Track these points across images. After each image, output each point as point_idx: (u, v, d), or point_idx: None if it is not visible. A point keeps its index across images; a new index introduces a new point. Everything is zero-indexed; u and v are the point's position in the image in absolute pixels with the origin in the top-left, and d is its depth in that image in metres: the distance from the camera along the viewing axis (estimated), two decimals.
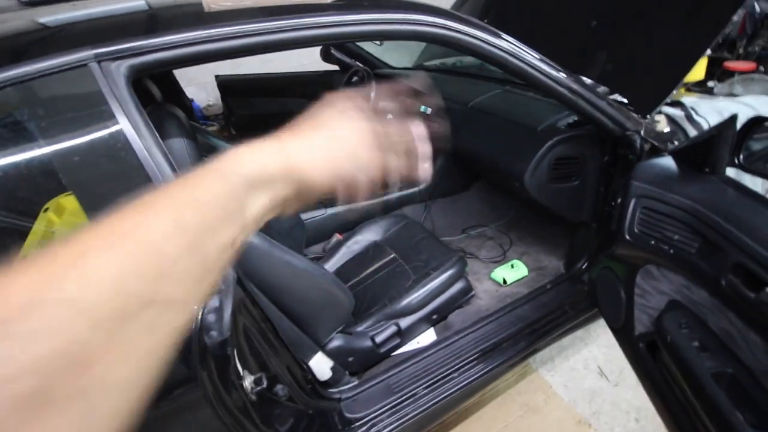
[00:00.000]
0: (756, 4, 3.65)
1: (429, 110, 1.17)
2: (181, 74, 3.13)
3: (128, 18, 0.78)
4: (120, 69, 0.68)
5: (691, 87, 2.51)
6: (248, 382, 0.83)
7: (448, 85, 1.96)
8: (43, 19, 0.79)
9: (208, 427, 0.77)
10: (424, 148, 0.39)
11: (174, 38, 0.70)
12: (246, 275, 0.98)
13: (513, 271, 1.67)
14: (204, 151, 1.69)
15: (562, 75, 1.06)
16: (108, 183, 0.67)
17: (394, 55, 2.52)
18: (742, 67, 3.64)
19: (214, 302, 0.71)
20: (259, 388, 0.84)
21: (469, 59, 2.27)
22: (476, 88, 1.78)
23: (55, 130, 0.63)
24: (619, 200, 1.07)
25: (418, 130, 0.39)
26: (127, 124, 0.67)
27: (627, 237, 1.02)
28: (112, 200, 0.67)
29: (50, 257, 0.20)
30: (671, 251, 0.92)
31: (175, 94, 1.97)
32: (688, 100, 1.49)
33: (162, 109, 0.95)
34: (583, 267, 1.51)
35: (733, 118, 0.82)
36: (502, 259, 1.80)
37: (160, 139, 0.70)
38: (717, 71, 3.69)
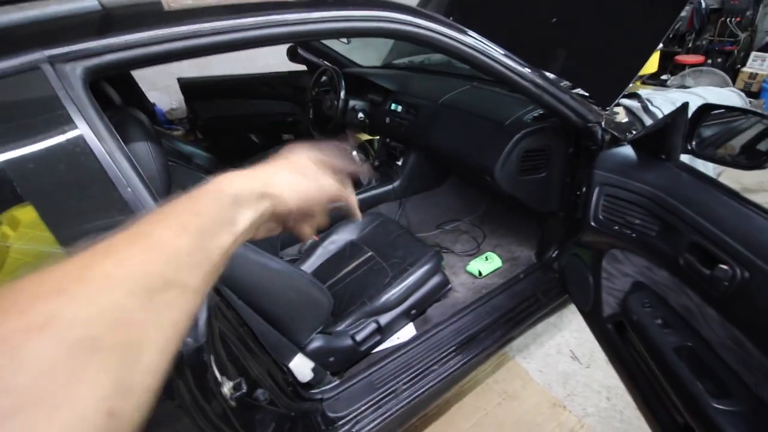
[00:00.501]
0: (702, 0, 3.88)
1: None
2: (142, 78, 3.01)
3: (82, 18, 0.75)
4: (75, 71, 0.65)
5: (646, 80, 2.64)
6: (227, 388, 0.81)
7: (417, 83, 1.98)
8: None
9: None
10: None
11: (132, 38, 0.68)
12: (221, 279, 0.96)
13: (487, 263, 1.71)
14: (171, 156, 1.64)
15: (526, 70, 1.09)
16: (69, 190, 0.63)
17: (363, 54, 2.52)
18: (691, 60, 3.86)
19: None
20: (238, 393, 0.83)
21: (437, 57, 2.30)
22: (445, 85, 1.81)
23: (7, 137, 0.60)
24: (584, 189, 1.11)
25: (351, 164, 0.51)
26: (87, 128, 0.64)
27: (592, 223, 1.06)
28: (75, 208, 0.65)
29: (86, 251, 0.25)
30: (633, 235, 0.97)
31: (135, 98, 1.89)
32: (644, 92, 1.57)
33: (123, 113, 0.92)
34: (554, 255, 1.56)
35: (685, 106, 0.87)
36: (476, 252, 1.84)
37: (122, 143, 0.67)
38: (669, 65, 3.90)
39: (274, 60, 3.21)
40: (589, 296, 1.18)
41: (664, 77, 3.78)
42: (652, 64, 2.36)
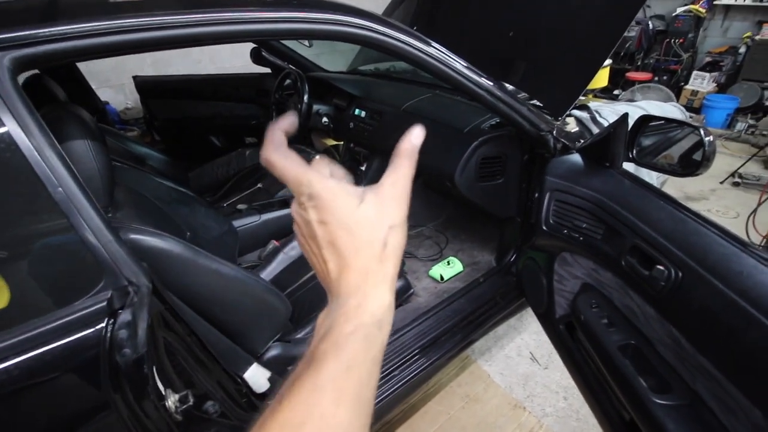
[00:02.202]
0: (650, 21, 4.17)
1: None
2: (93, 74, 2.86)
3: (13, 5, 0.70)
4: (3, 61, 0.60)
5: (597, 94, 2.80)
6: (172, 401, 0.77)
7: (382, 89, 1.99)
8: None
9: None
10: None
11: (67, 28, 0.64)
12: (168, 286, 0.91)
13: (449, 268, 1.73)
14: (120, 157, 1.56)
15: (483, 80, 1.13)
16: None
17: (329, 59, 2.51)
18: (640, 77, 4.14)
19: (126, 317, 0.65)
20: (184, 406, 0.78)
21: (402, 65, 2.33)
22: (408, 92, 1.83)
23: None
24: (537, 194, 1.15)
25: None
26: (13, 123, 0.59)
27: (544, 227, 1.10)
28: (3, 211, 0.59)
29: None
30: (581, 238, 1.01)
31: (82, 95, 1.79)
32: (594, 104, 1.66)
33: (61, 109, 0.86)
34: (512, 259, 1.61)
35: (624, 117, 0.93)
36: (439, 257, 1.86)
37: (54, 140, 0.63)
38: (621, 80, 4.16)
39: (238, 62, 3.14)
40: (543, 298, 1.22)
41: (615, 92, 4.03)
42: (602, 79, 2.51)
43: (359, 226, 0.33)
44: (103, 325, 0.63)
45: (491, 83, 1.15)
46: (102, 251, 0.64)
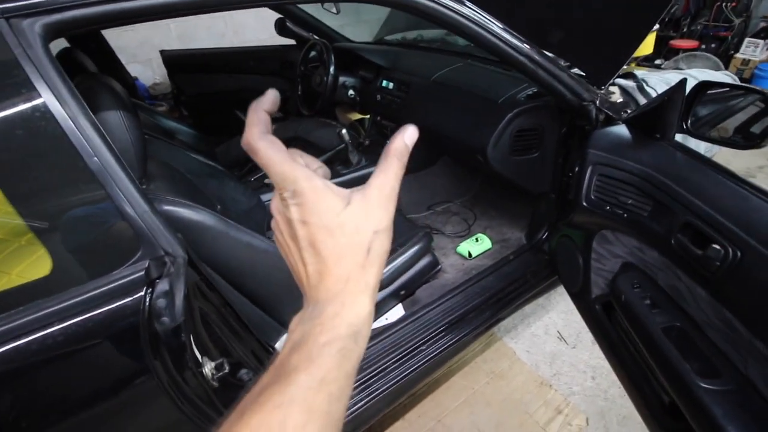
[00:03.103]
0: None
1: None
2: (122, 49, 2.88)
3: None
4: (34, 28, 0.59)
5: (641, 62, 2.60)
6: (208, 368, 0.79)
7: (410, 59, 1.92)
8: None
9: (167, 417, 0.73)
10: None
11: None
12: (202, 258, 0.92)
13: (477, 245, 1.69)
14: (151, 131, 1.57)
15: (524, 45, 1.05)
16: (28, 159, 0.59)
17: (355, 29, 2.43)
18: (685, 44, 3.83)
19: (164, 286, 0.66)
20: (220, 373, 0.80)
21: (430, 33, 2.23)
22: (438, 62, 1.76)
23: None
24: (577, 169, 1.09)
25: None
26: (48, 92, 0.59)
27: (584, 204, 1.05)
28: (35, 178, 0.60)
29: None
30: (625, 215, 0.96)
31: (113, 69, 1.80)
32: (639, 72, 1.54)
33: (93, 80, 0.86)
34: (544, 237, 1.55)
35: (683, 83, 0.85)
36: (467, 234, 1.82)
37: (88, 109, 0.62)
38: (663, 49, 3.86)
39: (263, 35, 3.09)
40: (578, 277, 1.18)
41: (657, 61, 3.75)
42: (647, 46, 2.33)
43: (343, 230, 0.31)
44: (142, 294, 0.64)
45: (531, 48, 1.07)
46: (138, 221, 0.64)
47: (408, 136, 0.34)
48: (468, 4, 0.98)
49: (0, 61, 0.57)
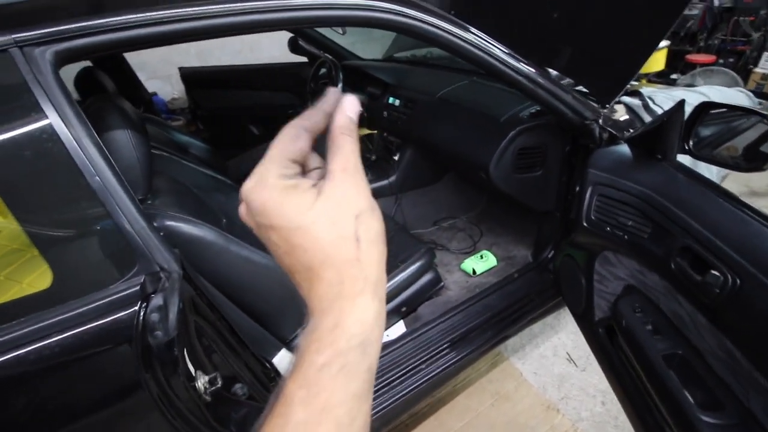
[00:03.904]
0: None
1: None
2: (143, 66, 3.01)
3: (59, 1, 0.73)
4: (45, 55, 0.63)
5: (652, 78, 2.57)
6: (201, 382, 0.80)
7: (417, 76, 1.94)
8: None
9: (158, 431, 0.74)
10: None
11: (105, 21, 0.66)
12: (201, 272, 0.94)
13: (482, 262, 1.68)
14: (164, 145, 1.63)
15: (521, 65, 1.06)
16: (35, 178, 0.62)
17: (365, 47, 2.49)
18: (702, 59, 3.77)
19: (157, 301, 0.68)
20: (213, 388, 0.81)
21: (439, 51, 2.26)
22: (444, 79, 1.78)
23: None
24: (578, 188, 1.08)
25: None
26: (55, 114, 0.62)
27: (584, 224, 1.03)
28: (41, 196, 0.63)
29: None
30: (625, 237, 0.94)
31: (131, 86, 1.88)
32: (647, 90, 1.53)
33: (105, 100, 0.90)
34: (549, 255, 1.53)
35: (681, 104, 0.84)
36: (472, 250, 1.81)
37: (92, 130, 0.66)
38: (680, 64, 3.81)
39: (277, 52, 3.17)
40: (582, 299, 1.15)
41: (674, 76, 3.69)
42: (658, 62, 2.29)
43: (319, 225, 0.27)
44: (136, 308, 0.66)
45: (530, 68, 1.08)
46: (136, 238, 0.67)
47: (348, 107, 0.30)
48: (461, 23, 0.99)
49: (11, 86, 0.61)
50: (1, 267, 0.66)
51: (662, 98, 1.36)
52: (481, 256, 1.70)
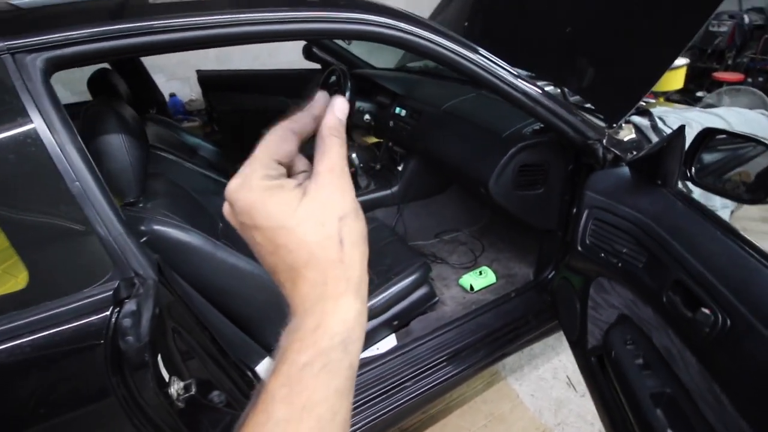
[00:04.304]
0: (745, 15, 3.64)
1: None
2: (163, 67, 3.10)
3: (47, 9, 0.75)
4: (36, 62, 0.65)
5: (672, 96, 2.48)
6: (175, 388, 0.80)
7: (425, 87, 1.94)
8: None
9: None
10: None
11: (94, 31, 0.67)
12: (187, 277, 0.95)
13: (481, 278, 1.64)
14: (172, 147, 1.67)
15: (519, 81, 1.04)
16: (16, 180, 0.64)
17: (378, 55, 2.49)
18: (730, 77, 3.63)
19: (130, 306, 0.68)
20: (187, 394, 0.81)
21: None
22: (451, 91, 1.76)
23: None
24: (575, 210, 1.04)
25: None
26: (40, 120, 0.64)
27: (579, 248, 1.00)
28: (22, 199, 0.65)
29: None
30: (619, 264, 0.90)
31: (145, 88, 1.94)
32: (660, 109, 1.48)
33: (103, 105, 0.92)
34: (549, 276, 1.49)
35: (681, 129, 0.80)
36: (472, 265, 1.78)
37: (77, 136, 0.67)
38: (706, 82, 3.68)
39: (295, 56, 3.22)
40: (576, 324, 1.11)
41: (699, 94, 3.57)
42: (676, 81, 2.22)
43: (304, 226, 0.27)
44: (108, 313, 0.67)
45: (529, 85, 1.05)
46: (112, 243, 0.68)
47: (338, 109, 0.31)
48: (456, 37, 0.98)
49: (2, 93, 0.63)
50: (2, 260, 0.68)
51: (674, 119, 1.31)
52: (480, 272, 1.67)
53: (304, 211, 0.27)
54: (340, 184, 0.29)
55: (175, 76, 3.11)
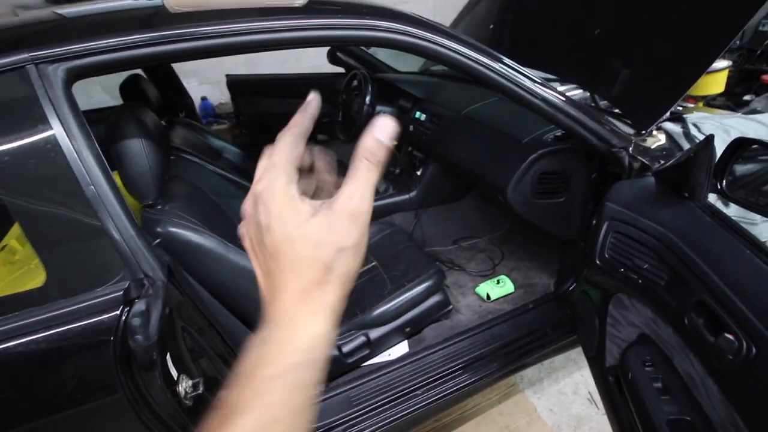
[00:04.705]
0: None
1: None
2: (195, 72, 3.22)
3: (69, 20, 0.79)
4: (57, 72, 0.69)
5: (711, 101, 2.31)
6: (183, 386, 0.82)
7: (446, 91, 1.91)
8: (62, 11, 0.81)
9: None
10: None
11: (112, 42, 0.71)
12: (200, 278, 0.98)
13: (498, 287, 1.60)
14: (197, 150, 1.72)
15: (538, 87, 1.00)
16: (37, 185, 0.67)
17: (402, 59, 2.48)
18: None
19: (140, 306, 0.71)
20: (195, 392, 0.84)
21: None
22: (473, 95, 1.73)
23: None
24: (594, 222, 1.00)
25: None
26: (59, 126, 0.68)
27: (597, 262, 0.95)
28: (41, 201, 0.68)
29: None
30: (639, 281, 0.85)
31: (175, 93, 2.02)
32: (696, 115, 1.38)
33: (125, 111, 0.97)
34: (570, 288, 1.43)
35: (709, 139, 0.74)
36: (491, 273, 1.73)
37: (94, 142, 0.70)
38: (754, 84, 3.43)
39: (322, 60, 3.26)
40: (594, 341, 1.06)
41: (747, 97, 3.32)
42: (717, 84, 2.06)
43: (303, 242, 0.28)
44: (118, 312, 0.69)
45: (549, 92, 1.01)
46: (124, 245, 0.70)
47: (380, 130, 0.29)
48: (469, 41, 0.95)
49: (24, 99, 0.67)
50: (33, 256, 0.72)
51: (710, 126, 1.23)
52: (498, 281, 1.62)
53: (309, 228, 0.28)
54: (352, 216, 0.28)
55: (208, 80, 3.23)
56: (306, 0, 0.97)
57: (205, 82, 3.24)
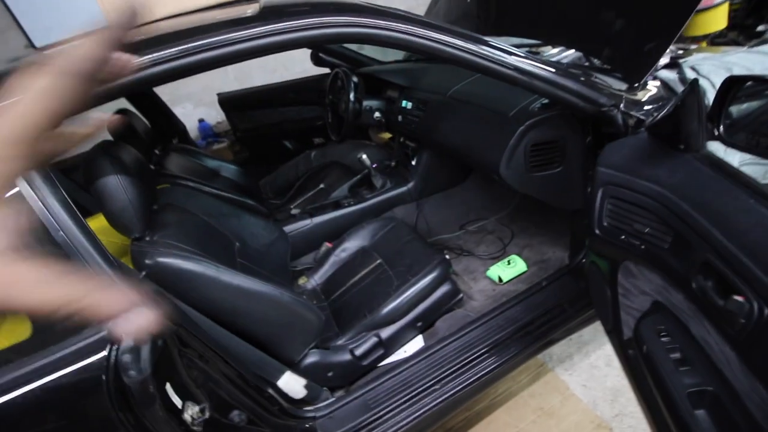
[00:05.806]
0: None
1: None
2: (189, 96, 3.26)
3: None
4: None
5: (715, 39, 2.13)
6: (190, 413, 0.83)
7: (430, 75, 1.85)
8: None
9: None
10: None
11: None
12: (194, 303, 0.98)
13: (509, 268, 1.55)
14: (193, 173, 1.74)
15: (508, 56, 0.94)
16: None
17: (387, 50, 2.43)
18: None
19: (128, 342, 0.71)
20: (203, 417, 0.84)
21: None
22: (457, 75, 1.66)
23: None
24: (589, 189, 0.94)
25: None
26: (23, 183, 0.68)
27: (596, 231, 0.89)
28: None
29: None
30: (642, 246, 0.79)
31: (164, 120, 2.04)
32: (695, 57, 1.28)
33: (98, 150, 0.97)
34: (584, 260, 1.36)
35: (693, 83, 0.68)
36: (501, 255, 1.68)
37: (60, 189, 0.71)
38: (767, 14, 3.17)
39: (309, 64, 3.24)
40: (609, 313, 1.00)
41: (761, 28, 3.08)
42: (718, 21, 1.88)
43: None
44: (106, 352, 0.70)
45: (521, 59, 0.95)
46: None
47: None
48: (425, 20, 0.90)
49: None
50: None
51: (709, 68, 1.13)
52: (509, 262, 1.57)
53: None
54: None
55: (202, 102, 3.26)
56: (258, 8, 0.95)
57: (200, 104, 3.28)
